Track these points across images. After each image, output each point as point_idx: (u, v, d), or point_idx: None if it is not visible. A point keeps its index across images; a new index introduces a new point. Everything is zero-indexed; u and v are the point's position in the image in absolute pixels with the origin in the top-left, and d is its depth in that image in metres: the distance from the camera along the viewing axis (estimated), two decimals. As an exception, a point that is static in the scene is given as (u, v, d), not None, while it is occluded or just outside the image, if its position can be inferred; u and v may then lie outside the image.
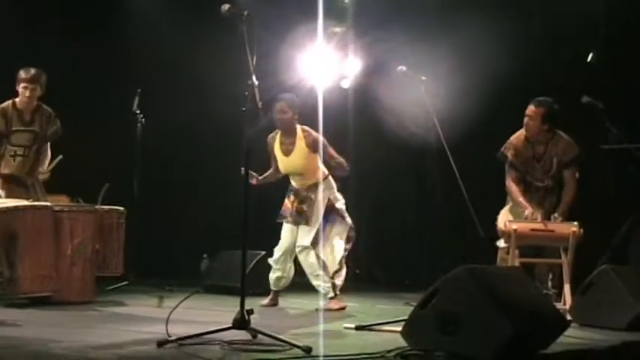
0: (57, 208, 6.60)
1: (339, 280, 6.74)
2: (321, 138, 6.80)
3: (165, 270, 8.44)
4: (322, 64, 8.43)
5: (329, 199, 6.82)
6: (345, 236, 6.86)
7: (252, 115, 4.91)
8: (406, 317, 4.56)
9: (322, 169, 6.86)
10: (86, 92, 8.53)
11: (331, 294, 6.68)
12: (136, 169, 8.04)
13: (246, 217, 4.82)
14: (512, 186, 6.80)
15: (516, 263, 6.30)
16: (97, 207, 6.83)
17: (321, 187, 6.78)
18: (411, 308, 4.65)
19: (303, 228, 6.77)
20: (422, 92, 6.87)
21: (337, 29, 8.98)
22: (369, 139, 9.10)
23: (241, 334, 4.69)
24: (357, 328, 5.47)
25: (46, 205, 6.56)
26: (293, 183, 6.92)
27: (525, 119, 6.78)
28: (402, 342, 4.48)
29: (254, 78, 4.97)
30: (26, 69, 6.85)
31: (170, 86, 8.94)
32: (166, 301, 6.83)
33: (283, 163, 6.84)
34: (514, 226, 6.42)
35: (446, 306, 4.34)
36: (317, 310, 6.59)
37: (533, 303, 4.58)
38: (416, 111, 7.52)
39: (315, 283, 6.75)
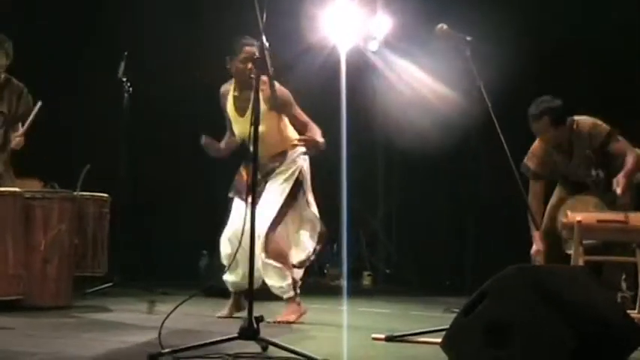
0: (27, 195, 6.59)
1: (298, 276, 6.33)
2: (286, 93, 6.26)
3: (156, 269, 8.46)
4: (346, 21, 8.40)
5: (298, 175, 6.33)
6: (315, 230, 6.37)
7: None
8: (447, 326, 4.54)
9: (291, 134, 6.41)
10: (62, 56, 8.53)
11: (290, 293, 6.25)
12: (122, 147, 8.04)
13: (253, 208, 4.81)
14: (533, 206, 6.76)
15: (581, 262, 6.26)
16: (75, 193, 6.84)
17: (290, 157, 6.34)
18: (453, 315, 4.62)
19: (260, 207, 5.96)
20: (466, 56, 6.84)
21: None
22: (399, 113, 9.08)
23: (249, 345, 4.68)
24: (388, 338, 5.45)
25: (14, 191, 6.56)
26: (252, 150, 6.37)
27: (537, 136, 6.82)
28: (442, 356, 4.46)
29: (264, 39, 4.97)
30: None
31: (162, 48, 8.94)
32: (159, 306, 6.84)
33: (238, 125, 6.34)
34: (578, 217, 6.37)
35: (495, 313, 4.30)
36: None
37: (602, 309, 4.54)
38: (458, 79, 7.50)
39: (269, 282, 6.27)
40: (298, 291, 6.32)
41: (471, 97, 7.08)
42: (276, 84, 6.25)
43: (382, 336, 5.49)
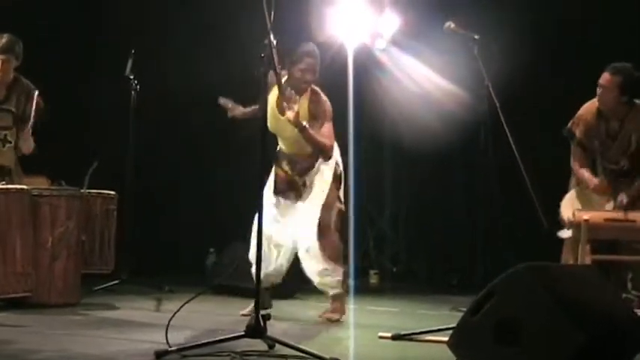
0: (35, 192, 6.59)
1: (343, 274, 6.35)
2: (329, 108, 6.30)
3: (163, 266, 8.45)
4: (353, 19, 8.38)
5: (335, 167, 6.36)
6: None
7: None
8: (454, 325, 4.54)
9: (326, 134, 6.28)
10: (69, 53, 8.52)
11: (338, 290, 6.27)
12: (129, 145, 8.04)
13: (261, 203, 4.81)
14: (577, 169, 6.76)
15: (587, 260, 6.24)
16: (82, 191, 6.84)
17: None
18: (460, 314, 4.62)
19: (301, 207, 6.30)
20: (474, 54, 6.84)
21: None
22: (407, 111, 9.05)
23: (256, 344, 4.68)
24: (395, 337, 5.45)
25: (22, 189, 6.56)
26: (284, 148, 6.42)
27: (599, 90, 6.67)
28: (448, 355, 4.46)
29: (272, 36, 4.97)
30: None
31: (169, 46, 8.92)
32: (165, 304, 6.86)
33: (275, 121, 6.14)
34: (585, 216, 6.35)
35: (503, 311, 4.30)
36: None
37: (610, 308, 4.53)
38: (466, 77, 7.49)
39: (319, 280, 6.28)
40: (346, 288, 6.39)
41: (478, 95, 7.08)
42: (321, 94, 6.33)
43: (389, 334, 5.49)
